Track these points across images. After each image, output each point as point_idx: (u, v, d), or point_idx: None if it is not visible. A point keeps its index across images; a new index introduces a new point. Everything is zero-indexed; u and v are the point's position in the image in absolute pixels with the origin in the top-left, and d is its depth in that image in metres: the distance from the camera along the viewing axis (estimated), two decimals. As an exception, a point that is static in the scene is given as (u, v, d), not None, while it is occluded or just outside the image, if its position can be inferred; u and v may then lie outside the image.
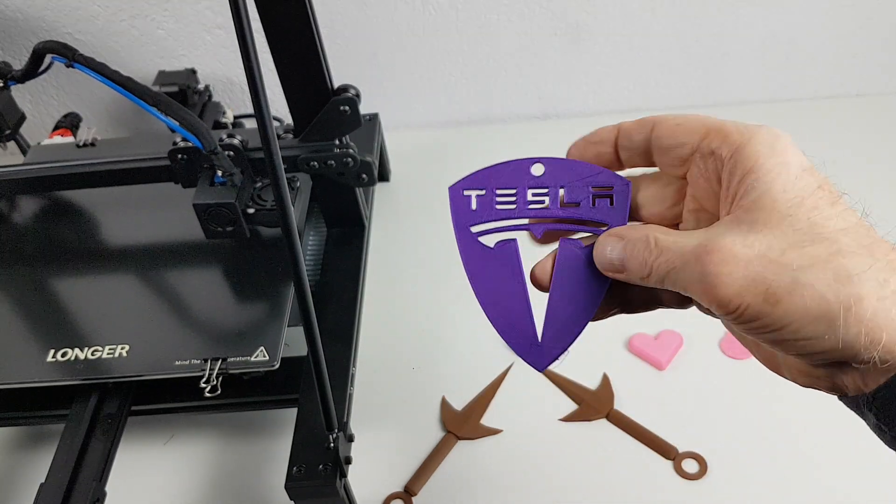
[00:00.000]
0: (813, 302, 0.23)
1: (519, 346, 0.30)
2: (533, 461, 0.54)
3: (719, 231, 0.25)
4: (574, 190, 0.30)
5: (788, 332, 0.23)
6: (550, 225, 0.30)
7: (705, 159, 0.26)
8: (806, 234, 0.23)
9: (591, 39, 0.82)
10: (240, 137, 0.57)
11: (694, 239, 0.25)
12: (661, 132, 0.28)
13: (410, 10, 0.80)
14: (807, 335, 0.23)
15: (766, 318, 0.23)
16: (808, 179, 0.24)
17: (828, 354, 0.24)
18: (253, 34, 0.30)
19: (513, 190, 0.30)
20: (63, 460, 0.49)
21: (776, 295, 0.23)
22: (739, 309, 0.24)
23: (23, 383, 0.52)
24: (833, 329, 0.23)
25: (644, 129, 0.28)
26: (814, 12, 0.81)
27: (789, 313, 0.23)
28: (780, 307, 0.23)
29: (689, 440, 0.54)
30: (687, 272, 0.25)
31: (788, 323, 0.23)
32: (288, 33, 0.52)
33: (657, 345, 0.60)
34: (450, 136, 0.87)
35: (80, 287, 0.59)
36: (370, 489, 0.52)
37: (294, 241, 0.35)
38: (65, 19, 0.80)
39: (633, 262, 0.27)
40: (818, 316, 0.23)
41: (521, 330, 0.30)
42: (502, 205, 0.30)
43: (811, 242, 0.23)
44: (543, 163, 0.30)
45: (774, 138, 0.25)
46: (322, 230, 0.69)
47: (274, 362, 0.51)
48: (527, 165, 0.30)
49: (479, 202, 0.30)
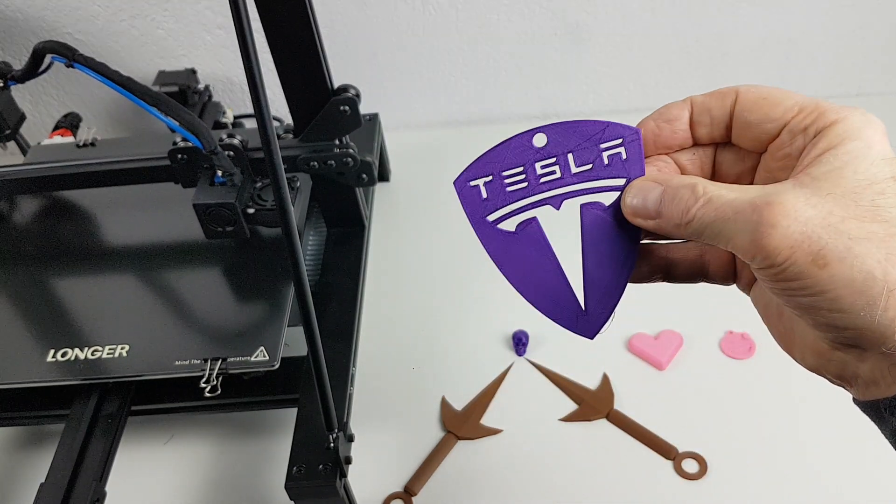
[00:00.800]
0: (860, 274, 0.23)
1: (566, 320, 0.30)
2: (533, 461, 0.54)
3: (780, 189, 0.24)
4: (583, 152, 0.28)
5: (826, 299, 0.23)
6: (568, 194, 0.29)
7: (794, 136, 0.26)
8: (867, 212, 0.23)
9: (591, 39, 0.82)
10: (240, 137, 0.57)
11: (749, 193, 0.25)
12: (745, 106, 0.27)
13: (410, 10, 0.80)
14: (843, 307, 0.23)
15: (809, 279, 0.23)
16: (885, 168, 0.24)
17: (856, 332, 0.23)
18: (253, 34, 0.30)
19: (520, 168, 0.29)
20: (63, 460, 0.49)
21: (826, 258, 0.23)
22: (786, 263, 0.23)
23: (23, 383, 0.52)
24: (871, 307, 0.23)
25: (724, 101, 0.27)
26: (814, 12, 0.81)
27: (834, 279, 0.23)
28: (826, 271, 0.23)
29: (689, 440, 0.54)
30: (738, 222, 0.24)
31: (831, 289, 0.23)
32: (288, 33, 0.52)
33: (657, 345, 0.60)
34: (450, 136, 0.87)
35: (80, 287, 0.59)
36: (370, 489, 0.52)
37: (294, 241, 0.35)
38: (65, 19, 0.80)
39: (672, 207, 0.26)
40: (861, 290, 0.23)
41: (564, 305, 0.30)
42: (513, 186, 0.29)
43: (871, 220, 0.23)
44: (544, 131, 0.29)
45: (866, 123, 0.25)
46: (322, 230, 0.69)
47: (274, 362, 0.51)
48: (528, 139, 0.29)
49: (488, 189, 0.29)
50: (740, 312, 0.62)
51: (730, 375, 0.58)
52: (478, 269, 0.69)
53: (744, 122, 0.27)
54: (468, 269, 0.69)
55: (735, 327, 0.61)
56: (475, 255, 0.75)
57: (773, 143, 0.27)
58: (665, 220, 0.27)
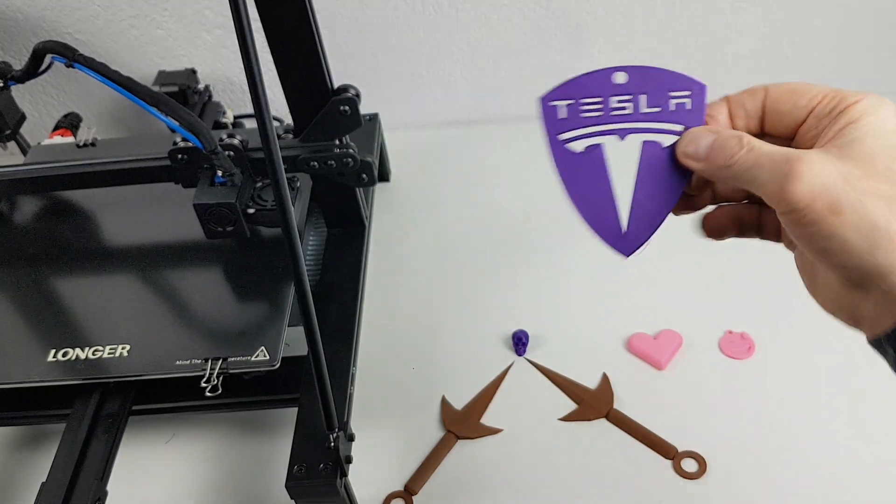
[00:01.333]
0: (866, 222, 0.27)
1: (608, 236, 0.34)
2: (532, 460, 0.54)
3: (810, 151, 0.29)
4: (655, 96, 0.33)
5: (837, 242, 0.27)
6: (633, 128, 0.33)
7: (820, 119, 0.30)
8: (880, 175, 0.28)
9: (591, 40, 0.82)
10: (240, 137, 0.57)
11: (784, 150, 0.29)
12: (776, 98, 0.32)
13: (410, 10, 0.80)
14: (851, 249, 0.27)
15: (824, 224, 0.27)
16: None
17: (862, 271, 0.28)
18: (253, 34, 0.30)
19: (598, 98, 0.33)
20: (64, 459, 0.49)
21: (840, 207, 0.27)
22: (806, 209, 0.27)
23: (24, 383, 0.52)
24: (873, 251, 0.27)
25: (755, 97, 0.32)
26: (812, 13, 0.81)
27: (845, 225, 0.27)
28: (839, 218, 0.27)
29: (689, 440, 0.54)
30: (771, 170, 0.29)
31: (840, 233, 0.27)
32: (288, 33, 0.53)
33: (656, 345, 0.60)
34: (449, 136, 0.87)
35: (81, 287, 0.59)
36: (370, 488, 0.53)
37: (294, 240, 0.35)
38: (65, 19, 0.80)
39: (719, 152, 0.31)
40: (866, 235, 0.27)
41: (609, 224, 0.34)
42: (589, 113, 0.33)
43: (883, 181, 0.28)
44: (627, 71, 0.33)
45: (880, 103, 0.30)
46: (322, 230, 0.69)
47: (274, 362, 0.51)
48: (609, 74, 0.33)
49: (568, 111, 0.33)
50: (739, 312, 0.63)
51: (729, 375, 0.58)
52: (478, 269, 0.70)
53: (775, 112, 0.32)
54: (468, 269, 0.69)
55: (734, 327, 0.61)
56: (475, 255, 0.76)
57: (801, 127, 0.31)
58: (710, 163, 0.31)
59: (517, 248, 0.71)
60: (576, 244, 0.69)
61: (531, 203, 0.76)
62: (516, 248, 0.71)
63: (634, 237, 0.34)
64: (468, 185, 0.78)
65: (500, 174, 0.80)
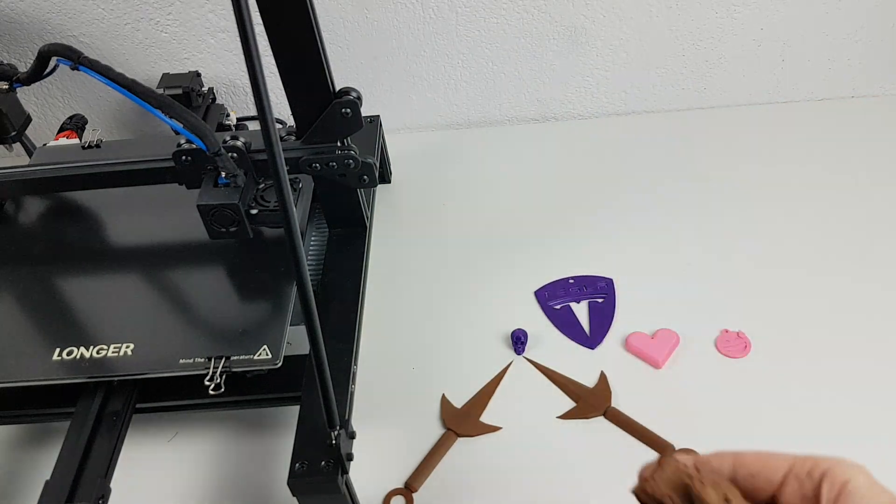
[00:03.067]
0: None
1: (581, 341, 0.62)
2: (531, 458, 0.55)
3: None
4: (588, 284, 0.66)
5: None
6: (581, 297, 0.66)
7: (801, 481, 0.29)
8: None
9: (589, 43, 0.83)
10: (243, 139, 0.58)
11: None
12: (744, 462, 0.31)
13: (411, 14, 0.80)
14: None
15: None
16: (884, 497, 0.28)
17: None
18: (256, 38, 0.30)
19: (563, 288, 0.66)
20: (68, 457, 0.50)
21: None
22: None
23: (29, 382, 0.53)
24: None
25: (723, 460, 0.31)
26: (808, 15, 0.81)
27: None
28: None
29: (686, 437, 0.54)
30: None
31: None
32: (290, 37, 0.53)
33: (654, 343, 0.61)
34: (449, 138, 0.88)
35: (86, 287, 0.60)
36: (371, 485, 0.53)
37: (296, 241, 0.35)
38: (70, 22, 0.80)
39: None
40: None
41: (580, 335, 0.63)
42: (559, 293, 0.66)
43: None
44: (574, 278, 0.67)
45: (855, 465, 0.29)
46: (324, 231, 0.70)
47: (277, 360, 0.51)
48: (567, 279, 0.67)
49: (548, 293, 0.66)
50: (736, 312, 0.63)
51: (725, 374, 0.59)
52: (478, 268, 0.70)
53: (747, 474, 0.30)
54: (468, 269, 0.70)
55: (730, 326, 0.62)
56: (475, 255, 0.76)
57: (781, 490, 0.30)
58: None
59: (516, 248, 0.71)
60: (574, 244, 0.70)
61: (530, 203, 0.76)
62: (515, 248, 0.71)
63: (594, 339, 0.62)
64: (468, 186, 0.79)
65: (500, 175, 0.80)
